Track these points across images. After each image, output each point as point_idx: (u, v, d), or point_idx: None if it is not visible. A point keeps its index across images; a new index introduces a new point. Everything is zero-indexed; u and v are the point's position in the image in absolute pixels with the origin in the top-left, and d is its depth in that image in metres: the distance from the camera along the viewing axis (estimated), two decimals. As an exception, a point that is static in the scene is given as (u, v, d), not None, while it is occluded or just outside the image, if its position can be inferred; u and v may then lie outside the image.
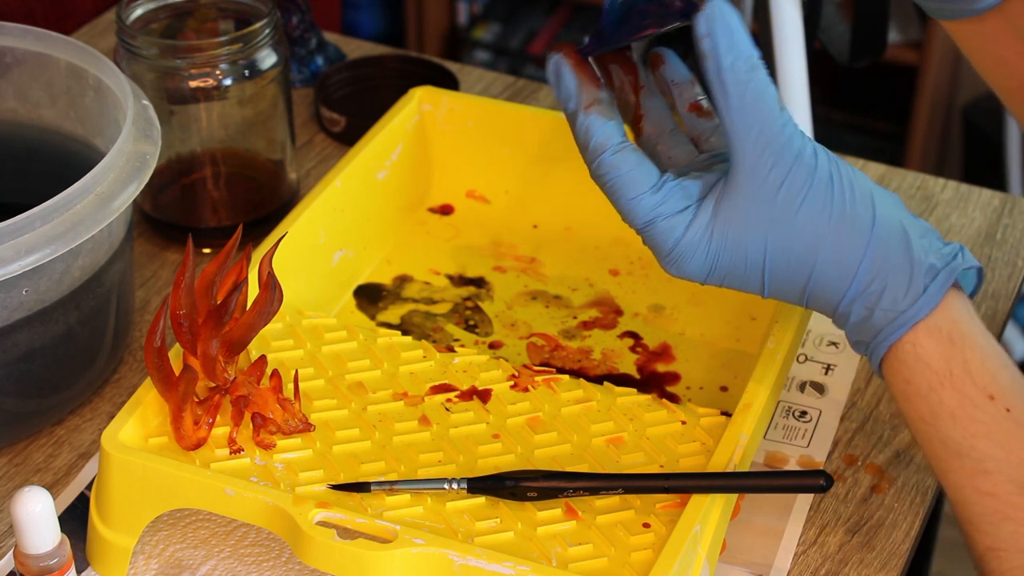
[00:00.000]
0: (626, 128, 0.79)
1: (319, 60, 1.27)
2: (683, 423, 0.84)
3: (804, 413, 0.94)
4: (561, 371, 0.91)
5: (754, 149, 0.74)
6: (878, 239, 0.74)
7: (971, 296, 0.77)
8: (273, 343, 0.89)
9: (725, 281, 0.78)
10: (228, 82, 1.04)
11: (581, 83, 0.78)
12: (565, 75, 0.78)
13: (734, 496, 0.81)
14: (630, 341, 0.96)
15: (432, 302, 0.99)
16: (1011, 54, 0.87)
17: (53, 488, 0.90)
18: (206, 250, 1.08)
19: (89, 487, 0.89)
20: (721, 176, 0.76)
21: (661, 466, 0.82)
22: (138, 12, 1.05)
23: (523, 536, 0.77)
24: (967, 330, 0.75)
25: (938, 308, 0.75)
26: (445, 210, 1.07)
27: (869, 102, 2.54)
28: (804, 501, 0.88)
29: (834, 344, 0.99)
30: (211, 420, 0.82)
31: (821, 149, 0.75)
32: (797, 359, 0.98)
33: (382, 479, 0.81)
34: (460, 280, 1.01)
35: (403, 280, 1.01)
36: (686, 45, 0.78)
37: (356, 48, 1.32)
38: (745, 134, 0.74)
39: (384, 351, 0.89)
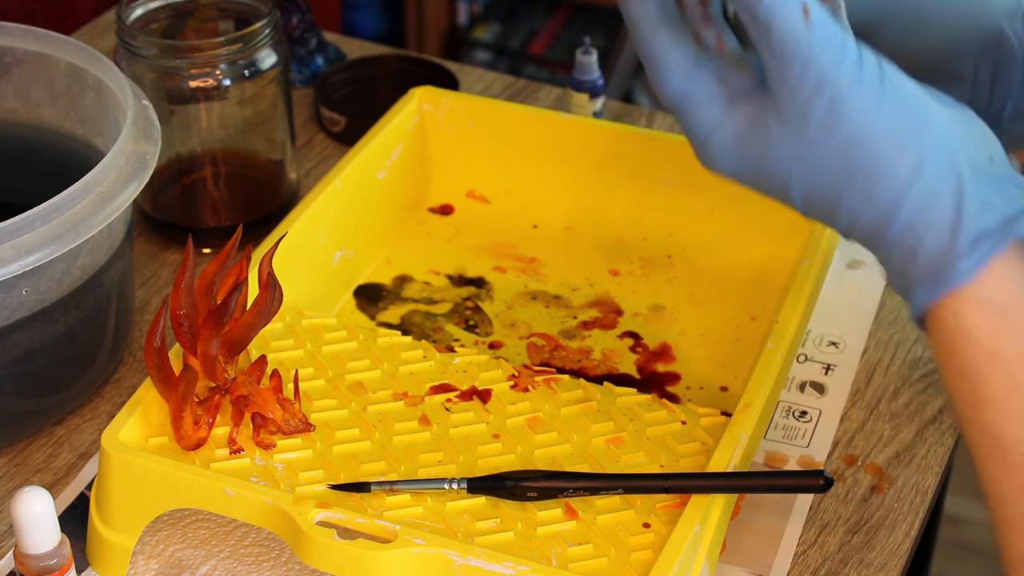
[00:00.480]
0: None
1: (319, 60, 1.27)
2: (683, 423, 0.84)
3: (804, 413, 0.94)
4: (561, 371, 0.91)
5: (780, 70, 0.66)
6: (922, 183, 0.66)
7: None
8: (273, 343, 0.89)
9: (757, 190, 0.71)
10: (228, 82, 1.04)
11: None
12: None
13: (734, 496, 0.81)
14: (630, 341, 0.96)
15: (432, 302, 0.99)
16: None
17: (53, 488, 0.90)
18: (206, 250, 1.08)
19: (89, 487, 0.89)
20: None
21: (661, 466, 0.82)
22: (138, 12, 1.05)
23: (523, 536, 0.77)
24: None
25: (989, 277, 0.65)
26: (445, 210, 1.07)
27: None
28: (804, 501, 0.88)
29: (834, 344, 0.99)
30: (211, 420, 0.82)
31: (870, 64, 0.67)
32: (797, 359, 0.98)
33: (382, 479, 0.81)
34: (460, 280, 1.01)
35: (403, 280, 1.01)
36: None
37: (356, 48, 1.32)
38: (769, 55, 0.67)
39: (384, 351, 0.89)
